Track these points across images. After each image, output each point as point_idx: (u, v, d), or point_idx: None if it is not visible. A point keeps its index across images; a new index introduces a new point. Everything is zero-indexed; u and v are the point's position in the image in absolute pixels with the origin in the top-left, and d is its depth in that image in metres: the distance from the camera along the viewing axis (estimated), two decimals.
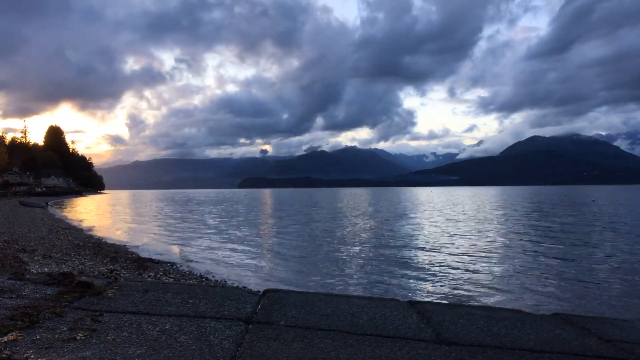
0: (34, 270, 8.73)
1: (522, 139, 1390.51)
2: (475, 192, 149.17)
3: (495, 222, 29.61)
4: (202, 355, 3.07)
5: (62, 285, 4.84)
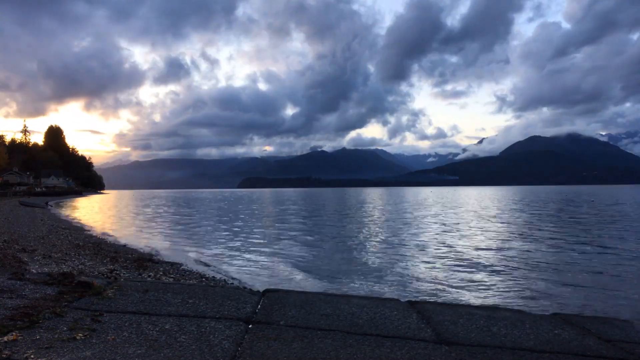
0: (34, 270, 8.72)
1: (523, 138, 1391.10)
2: (474, 192, 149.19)
3: (494, 221, 29.61)
4: (202, 355, 3.07)
5: (62, 285, 4.84)
